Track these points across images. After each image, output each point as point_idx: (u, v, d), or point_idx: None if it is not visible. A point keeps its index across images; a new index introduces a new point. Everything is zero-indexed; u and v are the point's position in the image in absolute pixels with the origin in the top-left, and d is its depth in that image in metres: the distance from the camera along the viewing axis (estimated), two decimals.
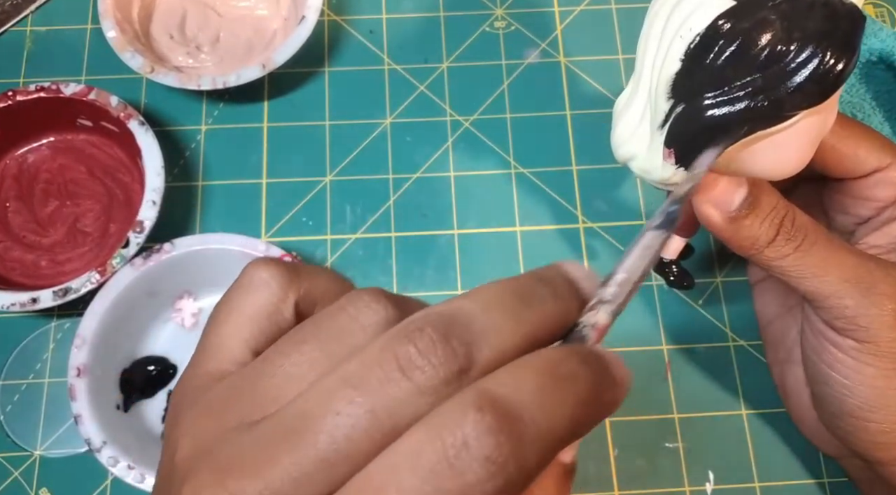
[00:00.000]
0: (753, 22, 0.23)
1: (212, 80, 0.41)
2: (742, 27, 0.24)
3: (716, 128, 0.24)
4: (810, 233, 0.28)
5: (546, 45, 0.46)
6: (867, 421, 0.29)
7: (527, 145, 0.44)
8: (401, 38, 0.46)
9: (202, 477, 0.16)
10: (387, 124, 0.44)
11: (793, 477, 0.38)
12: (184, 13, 0.46)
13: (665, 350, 0.40)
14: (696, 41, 0.24)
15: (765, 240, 0.28)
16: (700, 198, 0.28)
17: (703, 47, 0.24)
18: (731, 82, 0.24)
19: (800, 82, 0.23)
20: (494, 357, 0.17)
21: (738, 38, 0.24)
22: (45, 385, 0.39)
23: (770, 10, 0.24)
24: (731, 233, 0.28)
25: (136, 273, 0.37)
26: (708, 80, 0.24)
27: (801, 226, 0.28)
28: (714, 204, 0.28)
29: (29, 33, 0.46)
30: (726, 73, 0.24)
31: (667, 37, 0.25)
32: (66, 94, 0.40)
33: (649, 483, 0.38)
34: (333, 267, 0.41)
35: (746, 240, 0.28)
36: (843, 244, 0.28)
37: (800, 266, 0.28)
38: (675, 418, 0.39)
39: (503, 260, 0.42)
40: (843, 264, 0.28)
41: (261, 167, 0.43)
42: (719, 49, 0.24)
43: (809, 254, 0.28)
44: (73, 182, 0.42)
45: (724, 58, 0.24)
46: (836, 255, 0.28)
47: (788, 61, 0.23)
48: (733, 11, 0.24)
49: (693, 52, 0.24)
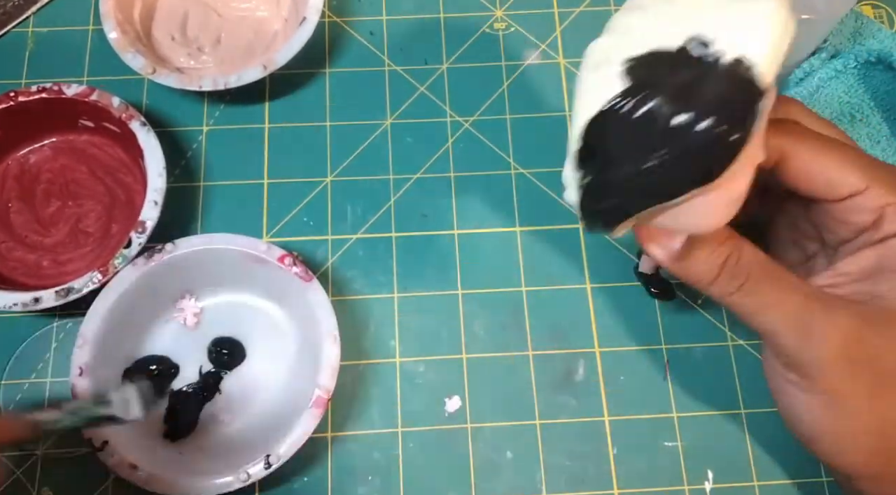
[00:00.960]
0: (643, 101, 0.23)
1: (213, 81, 0.41)
2: (633, 108, 0.23)
3: (612, 211, 0.25)
4: (754, 272, 0.29)
5: (546, 46, 0.47)
6: (818, 445, 0.30)
7: (527, 146, 0.44)
8: (401, 39, 0.47)
9: None
10: (387, 125, 0.45)
11: (791, 476, 0.38)
12: (185, 14, 0.46)
13: (664, 349, 0.40)
14: (589, 125, 0.24)
15: (708, 279, 0.29)
16: (645, 239, 0.29)
17: (597, 132, 0.24)
18: (625, 164, 0.24)
19: (687, 164, 0.23)
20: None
21: (630, 118, 0.23)
22: (47, 384, 0.39)
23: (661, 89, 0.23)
24: (676, 270, 0.29)
25: (138, 273, 0.37)
26: (605, 161, 0.24)
27: (745, 265, 0.29)
28: (657, 244, 0.29)
29: (31, 34, 0.46)
30: (621, 154, 0.24)
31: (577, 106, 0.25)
32: (67, 95, 0.41)
33: (648, 481, 0.38)
34: (334, 266, 0.42)
35: (692, 277, 0.29)
36: (791, 284, 0.29)
37: (744, 305, 0.29)
38: (674, 417, 0.39)
39: (503, 260, 0.42)
40: (785, 305, 0.28)
41: (262, 167, 0.44)
42: (612, 132, 0.24)
43: (753, 293, 0.28)
44: (75, 182, 0.42)
45: (616, 140, 0.24)
46: (780, 296, 0.28)
47: (677, 141, 0.23)
48: (627, 92, 0.23)
49: (588, 133, 0.24)
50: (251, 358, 0.40)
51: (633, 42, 0.24)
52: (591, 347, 0.40)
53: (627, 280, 0.41)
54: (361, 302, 0.41)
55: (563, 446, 0.38)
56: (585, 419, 0.39)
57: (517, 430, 0.39)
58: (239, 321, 0.40)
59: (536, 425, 0.39)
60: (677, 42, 0.23)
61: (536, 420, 0.39)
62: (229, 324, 0.40)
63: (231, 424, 0.39)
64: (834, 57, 0.43)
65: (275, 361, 0.39)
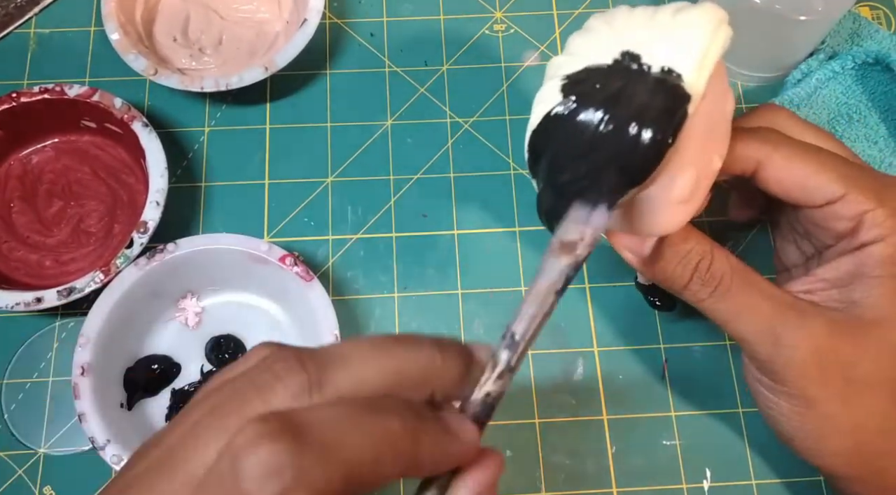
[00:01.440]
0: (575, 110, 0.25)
1: (214, 82, 0.42)
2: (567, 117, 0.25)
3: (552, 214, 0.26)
4: (726, 278, 0.29)
5: (545, 47, 0.47)
6: (797, 446, 0.30)
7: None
8: (401, 40, 0.47)
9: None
10: (387, 126, 0.45)
11: (789, 474, 0.38)
12: (187, 16, 0.46)
13: (662, 348, 0.40)
14: (532, 133, 0.27)
15: (680, 283, 0.29)
16: (616, 244, 0.30)
17: (540, 140, 0.26)
18: (562, 170, 0.26)
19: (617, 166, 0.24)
20: (351, 378, 0.19)
21: (565, 125, 0.25)
22: (49, 383, 0.40)
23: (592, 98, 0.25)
24: (649, 274, 0.30)
25: (140, 273, 0.37)
26: (549, 166, 0.26)
27: (716, 271, 0.29)
28: (628, 249, 0.30)
29: (33, 35, 0.47)
30: (561, 159, 0.26)
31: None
32: (69, 96, 0.41)
33: (647, 480, 0.38)
34: (335, 267, 0.42)
35: (665, 282, 0.30)
36: (763, 291, 0.29)
37: (716, 310, 0.29)
38: (672, 416, 0.39)
39: (503, 260, 0.42)
40: (756, 312, 0.29)
41: (263, 168, 0.44)
42: (552, 139, 0.26)
43: (724, 299, 0.29)
44: (77, 183, 0.42)
45: (555, 146, 0.26)
46: (752, 302, 0.29)
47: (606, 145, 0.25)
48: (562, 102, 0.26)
49: (533, 141, 0.27)
50: None
51: (575, 59, 0.26)
52: (589, 347, 0.40)
53: (626, 280, 0.41)
54: (362, 302, 0.41)
55: (562, 445, 0.39)
56: (584, 418, 0.39)
57: (516, 429, 0.39)
58: (240, 321, 0.40)
59: (535, 424, 0.39)
60: (611, 58, 0.25)
61: (535, 419, 0.39)
62: (230, 324, 0.40)
63: None
64: (832, 58, 0.43)
65: None
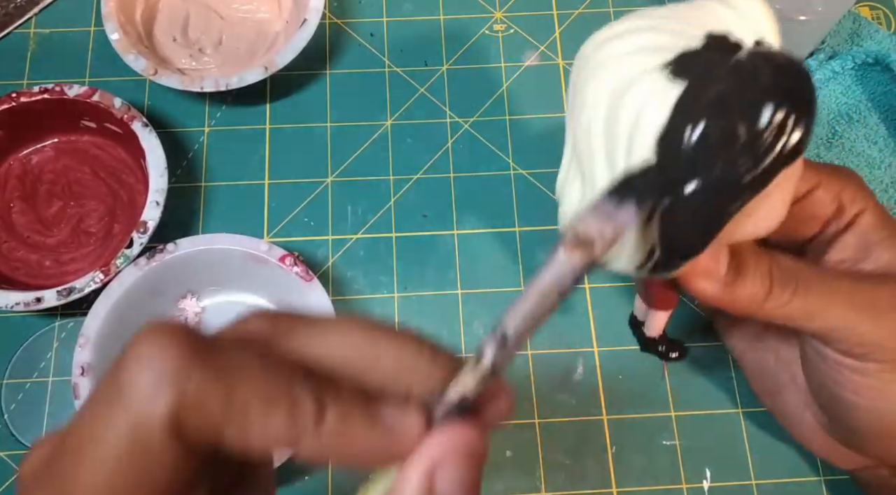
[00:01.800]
0: (712, 100, 0.22)
1: (214, 82, 0.42)
2: (702, 109, 0.22)
3: (712, 217, 0.23)
4: (801, 273, 0.28)
5: (545, 47, 0.47)
6: (858, 438, 0.29)
7: (526, 147, 0.44)
8: (401, 40, 0.47)
9: None
10: (387, 126, 0.45)
11: (789, 474, 0.38)
12: (187, 16, 0.46)
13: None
14: (661, 135, 0.23)
15: (763, 295, 0.28)
16: (689, 276, 0.27)
17: (671, 139, 0.23)
18: (710, 168, 0.23)
19: (776, 148, 0.22)
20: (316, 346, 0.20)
21: (702, 121, 0.22)
22: (48, 384, 0.40)
23: (720, 82, 0.22)
24: (729, 298, 0.28)
25: (140, 273, 0.37)
26: (685, 170, 0.23)
27: (788, 270, 0.28)
28: (704, 276, 0.27)
29: (33, 35, 0.47)
30: (702, 160, 0.23)
31: (621, 131, 0.24)
32: (69, 96, 0.41)
33: (647, 480, 0.38)
34: (335, 266, 0.42)
35: (746, 300, 0.28)
36: (833, 272, 0.29)
37: (803, 308, 0.28)
38: (672, 416, 0.39)
39: (503, 260, 0.42)
40: (842, 293, 0.28)
41: (263, 168, 0.44)
42: (689, 137, 0.23)
43: (809, 294, 0.28)
44: (77, 183, 0.42)
45: (695, 144, 0.23)
46: (833, 287, 0.28)
47: (755, 130, 0.22)
48: (688, 94, 0.23)
49: (662, 144, 0.23)
50: None
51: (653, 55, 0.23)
52: (589, 347, 0.40)
53: (626, 279, 0.41)
54: (362, 302, 0.41)
55: (562, 445, 0.39)
56: (584, 418, 0.39)
57: (516, 429, 0.39)
58: None
59: (536, 424, 0.39)
60: (698, 41, 0.23)
61: (535, 419, 0.39)
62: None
63: None
64: (832, 58, 0.43)
65: None
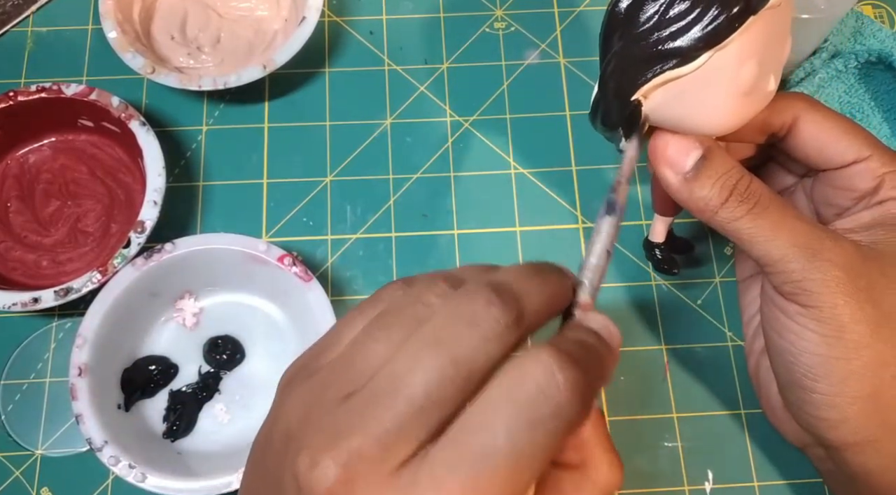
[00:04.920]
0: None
1: (213, 80, 0.41)
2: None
3: (627, 82, 0.28)
4: (763, 198, 0.29)
5: (546, 45, 0.47)
6: (812, 392, 0.29)
7: (527, 145, 0.44)
8: (401, 38, 0.47)
9: (316, 441, 0.20)
10: (387, 125, 0.45)
11: (791, 476, 0.38)
12: (185, 14, 0.46)
13: (664, 350, 0.40)
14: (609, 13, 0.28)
15: (717, 202, 0.29)
16: (656, 161, 0.30)
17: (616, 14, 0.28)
18: (644, 29, 0.27)
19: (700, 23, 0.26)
20: (535, 310, 0.22)
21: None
22: (46, 384, 0.39)
23: None
24: (686, 194, 0.30)
25: (137, 273, 0.37)
26: (623, 38, 0.28)
27: (753, 191, 0.29)
28: (669, 165, 0.30)
29: (30, 34, 0.46)
30: (640, 22, 0.27)
31: None
32: (67, 95, 0.40)
33: (649, 482, 0.38)
34: (334, 266, 0.42)
35: (700, 201, 0.29)
36: (797, 212, 0.29)
37: (751, 229, 0.29)
38: (674, 417, 0.39)
39: (503, 260, 0.42)
40: (793, 229, 0.29)
41: (261, 167, 0.43)
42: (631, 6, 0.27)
43: (761, 217, 0.29)
44: (75, 182, 0.42)
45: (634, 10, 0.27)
46: (788, 221, 0.29)
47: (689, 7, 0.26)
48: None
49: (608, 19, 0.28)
50: (250, 358, 0.40)
51: None
52: None
53: (627, 280, 0.41)
54: (361, 302, 0.41)
55: None
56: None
57: None
58: (238, 321, 0.40)
59: None
60: None
61: None
62: (229, 324, 0.40)
63: (230, 424, 0.38)
64: (834, 57, 0.43)
65: (274, 361, 0.39)
